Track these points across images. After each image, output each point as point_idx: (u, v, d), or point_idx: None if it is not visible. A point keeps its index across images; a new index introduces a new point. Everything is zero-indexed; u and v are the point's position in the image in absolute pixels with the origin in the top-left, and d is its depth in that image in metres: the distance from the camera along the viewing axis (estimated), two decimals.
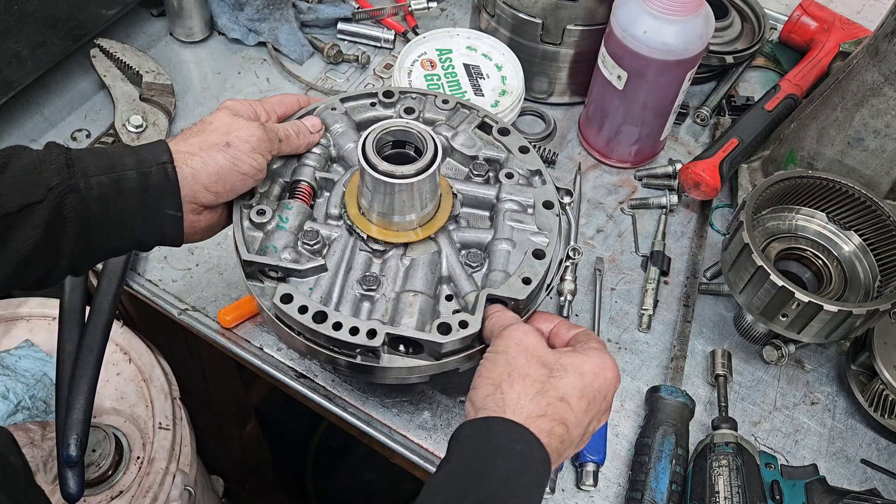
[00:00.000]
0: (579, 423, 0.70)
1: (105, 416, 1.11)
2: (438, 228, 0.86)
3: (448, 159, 0.95)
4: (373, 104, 0.98)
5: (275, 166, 0.90)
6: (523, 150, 0.93)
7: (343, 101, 0.97)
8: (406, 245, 0.86)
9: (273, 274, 0.84)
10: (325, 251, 0.86)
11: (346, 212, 0.87)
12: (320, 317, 0.79)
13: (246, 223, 0.85)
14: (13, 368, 1.10)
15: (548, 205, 0.89)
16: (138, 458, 1.09)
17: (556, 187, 0.92)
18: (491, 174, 0.93)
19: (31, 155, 0.72)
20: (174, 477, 1.09)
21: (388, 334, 0.78)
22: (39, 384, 1.10)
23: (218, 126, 0.80)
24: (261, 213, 0.85)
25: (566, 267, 0.88)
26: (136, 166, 0.74)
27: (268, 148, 0.82)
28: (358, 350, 0.80)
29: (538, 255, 0.85)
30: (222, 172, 0.78)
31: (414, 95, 0.98)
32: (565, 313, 1.05)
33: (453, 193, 0.89)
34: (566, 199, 0.92)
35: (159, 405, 1.12)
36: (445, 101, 0.97)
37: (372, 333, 0.78)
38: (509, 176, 0.91)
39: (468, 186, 0.91)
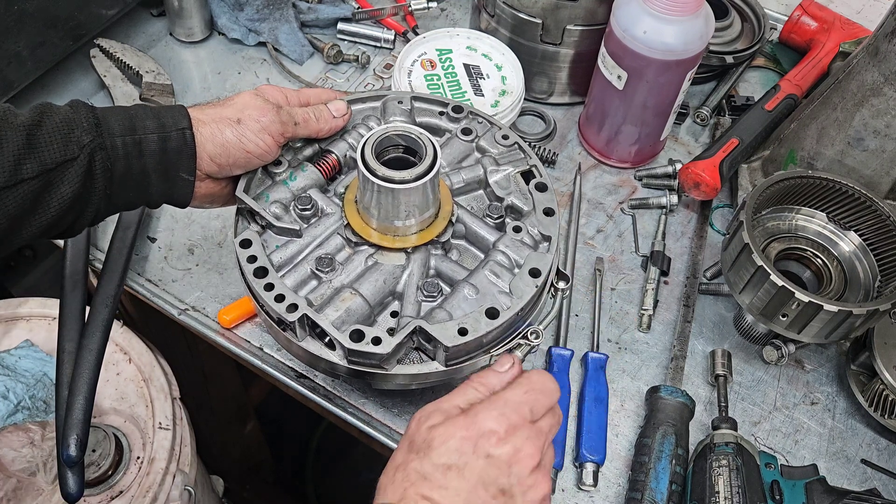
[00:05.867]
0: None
1: (105, 416, 1.11)
2: (415, 245, 0.86)
3: (480, 191, 0.94)
4: (441, 113, 0.98)
5: (299, 144, 0.93)
6: (548, 212, 0.90)
7: (414, 98, 0.98)
8: (378, 247, 0.86)
9: (259, 220, 0.87)
10: (312, 221, 0.88)
11: (344, 194, 0.89)
12: (261, 272, 0.82)
13: (261, 169, 0.89)
14: (13, 368, 1.10)
15: (534, 272, 0.84)
16: (138, 458, 1.09)
17: (558, 270, 0.89)
18: (507, 221, 0.90)
19: (60, 112, 0.76)
20: (174, 477, 1.09)
21: (306, 316, 0.79)
22: (39, 384, 1.10)
23: (235, 103, 0.84)
24: (277, 163, 0.89)
25: (519, 345, 0.83)
26: (156, 130, 0.79)
27: (279, 130, 0.84)
28: (278, 318, 0.80)
29: (491, 314, 0.80)
30: (227, 146, 0.82)
31: (480, 120, 0.98)
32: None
33: (451, 221, 0.88)
34: (560, 284, 0.88)
35: (159, 405, 1.12)
36: (505, 137, 0.96)
37: (293, 308, 0.79)
38: (517, 230, 0.88)
39: (476, 223, 0.89)
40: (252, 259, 0.83)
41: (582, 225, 1.20)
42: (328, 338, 0.80)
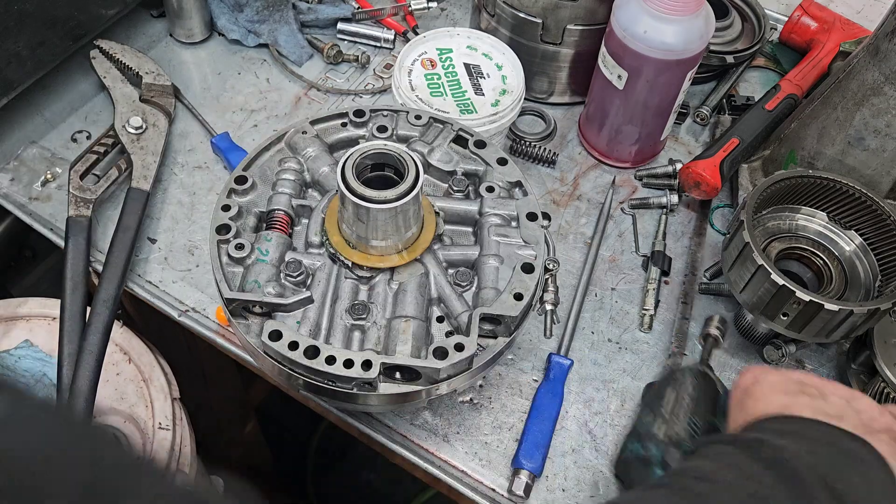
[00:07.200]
0: None
1: (105, 416, 1.10)
2: (424, 250, 0.85)
3: (426, 176, 0.92)
4: (344, 124, 0.96)
5: (247, 198, 0.87)
6: (501, 161, 0.90)
7: (313, 123, 0.95)
8: (392, 269, 0.84)
9: (258, 310, 0.81)
10: (309, 282, 0.84)
11: (327, 239, 0.85)
12: (312, 351, 0.77)
13: (224, 259, 0.83)
14: (13, 368, 1.10)
15: (531, 216, 0.86)
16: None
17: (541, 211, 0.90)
18: (471, 189, 0.90)
19: None
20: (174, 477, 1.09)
21: (383, 364, 0.76)
22: (39, 384, 1.10)
23: None
24: (239, 247, 0.83)
25: (546, 279, 0.85)
26: None
27: None
28: (354, 383, 0.77)
29: (527, 269, 0.82)
30: None
31: (385, 113, 0.97)
32: (549, 321, 1.05)
33: (436, 212, 0.87)
34: (545, 223, 0.89)
35: (159, 405, 1.12)
36: (418, 117, 0.95)
37: (367, 364, 0.76)
38: (490, 189, 0.88)
39: (449, 203, 0.89)
40: (294, 345, 0.76)
41: (582, 225, 1.20)
42: (397, 372, 0.78)
